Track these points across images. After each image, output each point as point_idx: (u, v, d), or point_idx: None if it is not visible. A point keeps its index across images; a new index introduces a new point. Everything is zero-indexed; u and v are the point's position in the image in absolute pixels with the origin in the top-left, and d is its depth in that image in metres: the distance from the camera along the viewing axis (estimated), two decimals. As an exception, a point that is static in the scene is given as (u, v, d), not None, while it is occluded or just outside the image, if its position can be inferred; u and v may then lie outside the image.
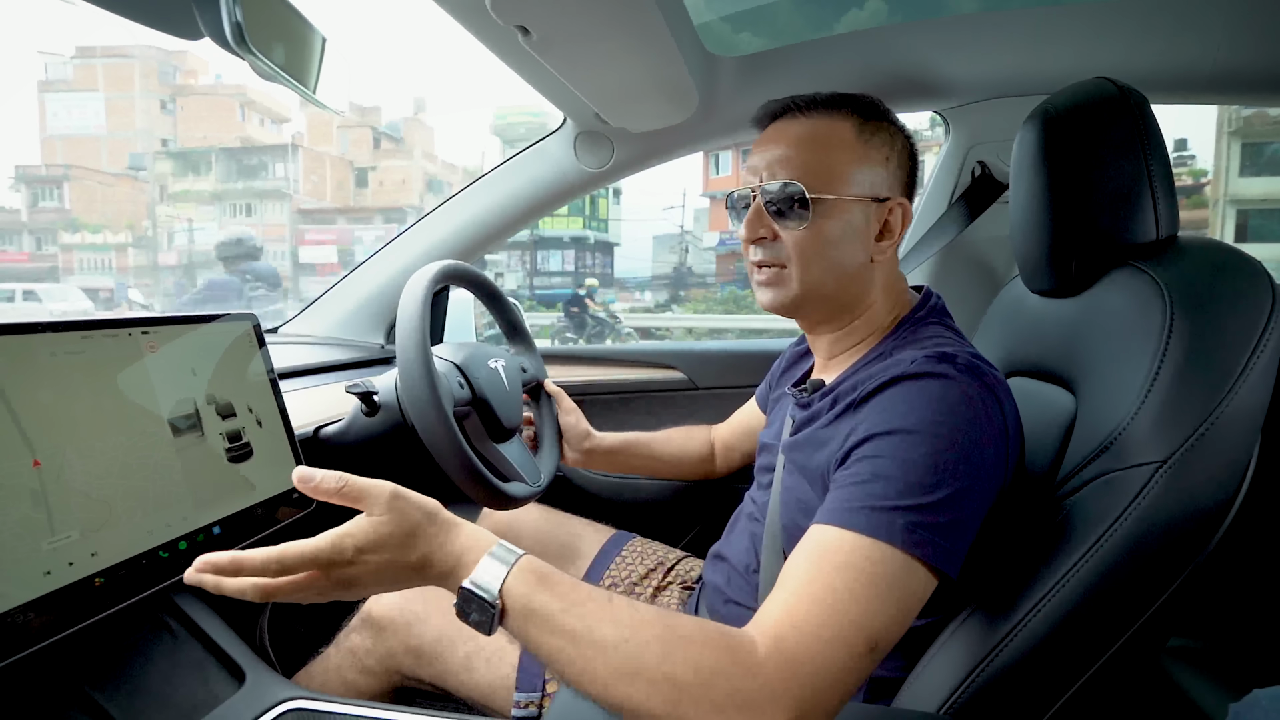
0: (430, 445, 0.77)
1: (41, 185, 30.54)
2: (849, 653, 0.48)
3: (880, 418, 0.58)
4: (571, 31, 0.76)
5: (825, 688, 0.47)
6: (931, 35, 1.10)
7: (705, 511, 1.32)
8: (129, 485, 0.61)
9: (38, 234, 29.88)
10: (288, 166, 30.30)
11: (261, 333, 0.84)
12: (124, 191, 31.50)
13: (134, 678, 0.62)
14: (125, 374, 0.64)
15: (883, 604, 0.50)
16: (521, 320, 1.10)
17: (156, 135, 32.36)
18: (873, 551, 0.51)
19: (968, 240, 1.25)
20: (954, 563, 0.54)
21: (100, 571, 0.56)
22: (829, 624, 0.49)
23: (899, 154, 0.72)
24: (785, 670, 0.47)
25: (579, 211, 23.79)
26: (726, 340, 1.85)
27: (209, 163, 30.49)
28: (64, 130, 32.21)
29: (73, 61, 32.21)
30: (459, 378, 0.91)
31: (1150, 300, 0.62)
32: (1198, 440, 0.57)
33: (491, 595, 0.48)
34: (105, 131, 32.10)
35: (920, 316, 0.72)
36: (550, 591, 0.49)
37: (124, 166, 32.06)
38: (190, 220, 29.31)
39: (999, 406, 0.59)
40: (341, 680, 0.84)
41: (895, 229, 0.71)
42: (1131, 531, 0.57)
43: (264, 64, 0.54)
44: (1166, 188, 0.68)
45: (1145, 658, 0.62)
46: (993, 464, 0.57)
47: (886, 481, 0.54)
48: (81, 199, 30.33)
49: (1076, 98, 0.70)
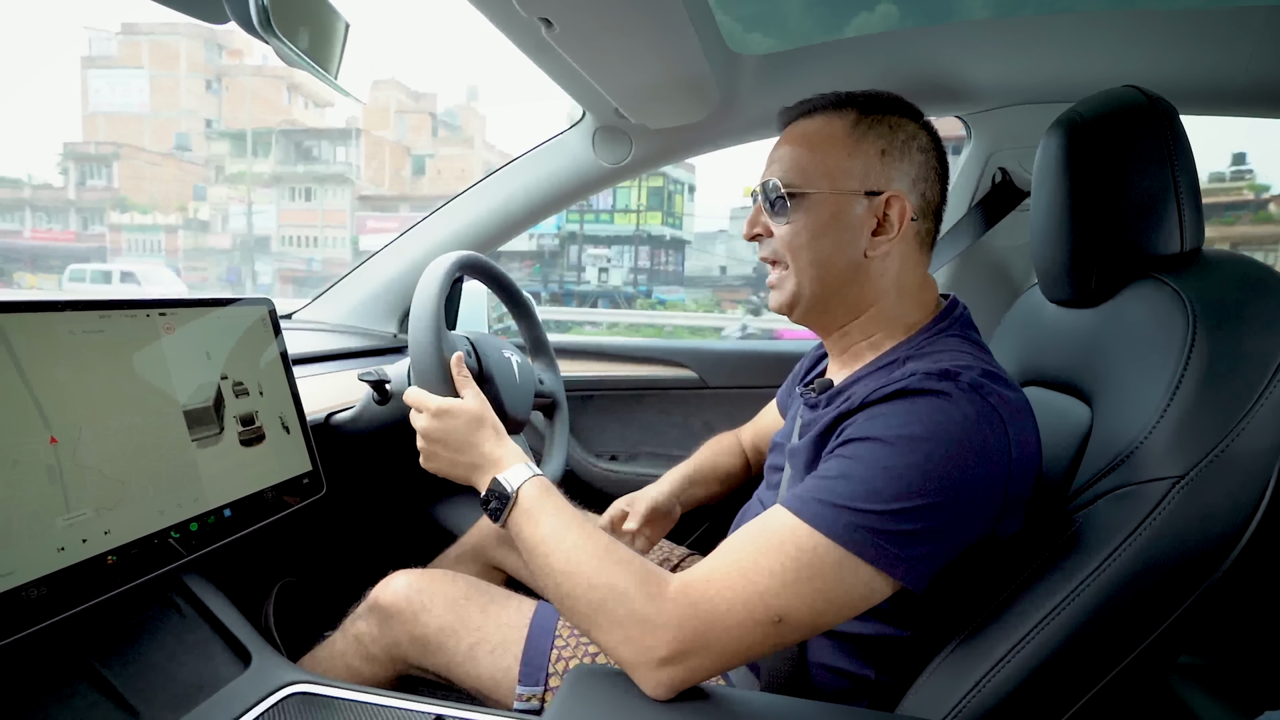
0: (416, 372, 0.76)
1: (90, 163, 29.97)
2: (748, 613, 0.54)
3: (867, 425, 0.58)
4: (595, 25, 0.76)
5: (716, 635, 0.54)
6: (956, 39, 1.09)
7: (713, 510, 1.31)
8: (143, 465, 0.62)
9: (85, 213, 29.27)
10: (349, 151, 29.39)
11: (277, 318, 0.84)
12: (171, 171, 31.10)
13: (141, 655, 0.63)
14: (142, 354, 0.65)
15: (799, 587, 0.54)
16: (543, 334, 1.08)
17: (201, 115, 31.84)
18: (808, 539, 0.55)
19: (985, 247, 1.24)
20: (911, 571, 0.54)
21: (113, 550, 0.57)
22: (737, 586, 0.54)
23: (901, 147, 0.68)
24: (683, 609, 0.54)
25: (658, 206, 22.89)
26: (738, 340, 1.84)
27: (267, 144, 29.79)
28: (107, 107, 31.73)
29: (117, 37, 31.77)
30: (468, 348, 0.89)
31: (1172, 313, 0.61)
32: (1217, 456, 0.56)
33: (510, 490, 0.64)
34: (149, 110, 31.59)
35: (942, 327, 0.70)
36: (550, 501, 0.63)
37: (167, 146, 31.56)
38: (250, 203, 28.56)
39: (1003, 426, 0.57)
40: (345, 666, 0.85)
41: (894, 223, 0.68)
42: (1146, 546, 0.56)
43: (289, 49, 0.54)
44: (1193, 199, 0.66)
45: (1154, 675, 0.61)
46: (982, 484, 0.56)
47: (847, 482, 0.56)
48: (130, 178, 29.85)
49: (1104, 105, 0.69)
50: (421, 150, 33.14)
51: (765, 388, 1.25)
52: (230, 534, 0.70)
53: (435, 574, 0.86)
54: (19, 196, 29.99)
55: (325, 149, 29.35)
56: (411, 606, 0.82)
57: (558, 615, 0.81)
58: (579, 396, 1.49)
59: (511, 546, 1.09)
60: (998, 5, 1.05)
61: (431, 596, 0.82)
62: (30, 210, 29.91)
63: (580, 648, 0.78)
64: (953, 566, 0.58)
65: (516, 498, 0.64)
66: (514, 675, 0.77)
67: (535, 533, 0.62)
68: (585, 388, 1.50)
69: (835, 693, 0.69)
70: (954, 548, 0.56)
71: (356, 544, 1.23)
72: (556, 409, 1.06)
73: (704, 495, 1.06)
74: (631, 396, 1.48)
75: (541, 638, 0.78)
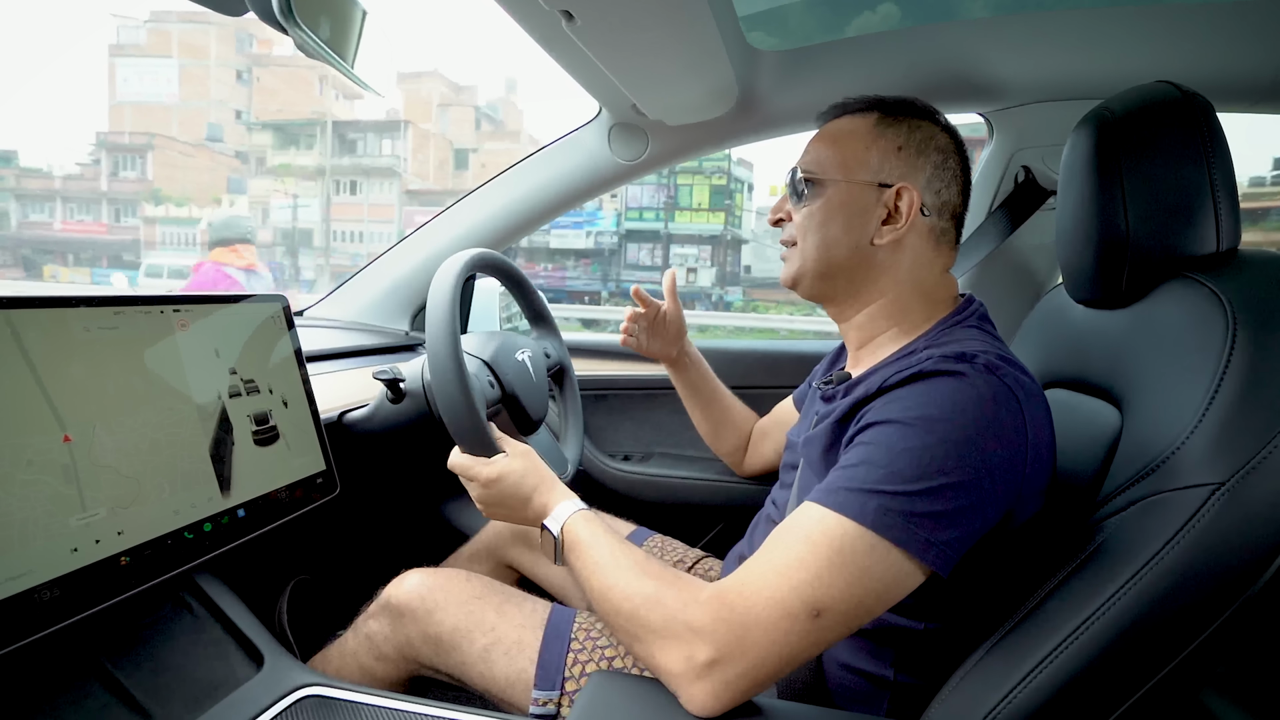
0: (457, 438, 0.76)
1: (123, 154, 29.21)
2: (784, 612, 0.53)
3: (885, 409, 0.59)
4: (618, 19, 0.74)
5: (754, 638, 0.53)
6: (978, 35, 1.07)
7: (727, 511, 1.30)
8: (157, 463, 0.61)
9: (117, 204, 28.42)
10: (395, 143, 28.50)
11: (291, 315, 0.84)
12: (203, 163, 30.45)
13: (154, 656, 0.62)
14: (156, 351, 0.64)
15: (833, 575, 0.53)
16: (545, 306, 1.10)
17: (231, 106, 31.21)
18: (837, 527, 0.55)
19: (1007, 247, 1.22)
20: (940, 556, 0.54)
21: (126, 550, 0.56)
22: (772, 584, 0.54)
23: (919, 145, 0.71)
24: (720, 613, 0.54)
25: (721, 205, 22.21)
26: (751, 340, 1.83)
27: (309, 137, 29.06)
28: (134, 97, 31.11)
29: (146, 25, 31.22)
30: (489, 376, 0.90)
31: (1210, 313, 0.59)
32: (1260, 462, 0.54)
33: (557, 534, 0.68)
34: (178, 100, 30.92)
35: (959, 320, 0.71)
36: (589, 529, 0.66)
37: (195, 136, 30.90)
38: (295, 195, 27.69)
39: (1018, 407, 0.58)
40: (358, 666, 0.84)
41: (904, 214, 0.70)
42: (1184, 555, 0.55)
43: (309, 39, 0.53)
44: (1230, 198, 0.65)
45: (1191, 688, 0.60)
46: (1001, 464, 0.56)
47: (871, 467, 0.56)
48: (162, 170, 29.13)
49: (1136, 101, 0.67)
50: (465, 144, 32.43)
51: (779, 388, 1.23)
52: (244, 534, 0.70)
53: (449, 573, 0.85)
54: (50, 187, 29.38)
55: (371, 141, 28.59)
56: (425, 605, 0.81)
57: (574, 616, 0.81)
58: (592, 396, 1.48)
59: (525, 545, 1.08)
60: (997, 6, 1.03)
61: (445, 595, 0.82)
62: (61, 201, 29.19)
63: (596, 651, 0.77)
64: (971, 556, 0.58)
65: (563, 537, 0.67)
66: (528, 678, 0.76)
67: (579, 562, 0.65)
68: (598, 387, 1.48)
69: (855, 695, 0.68)
70: (976, 531, 0.56)
71: (369, 542, 1.23)
72: (565, 376, 1.09)
73: (701, 396, 1.13)
74: (645, 396, 1.47)
75: (557, 641, 0.77)
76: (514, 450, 0.76)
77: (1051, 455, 0.63)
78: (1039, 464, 0.60)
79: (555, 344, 1.08)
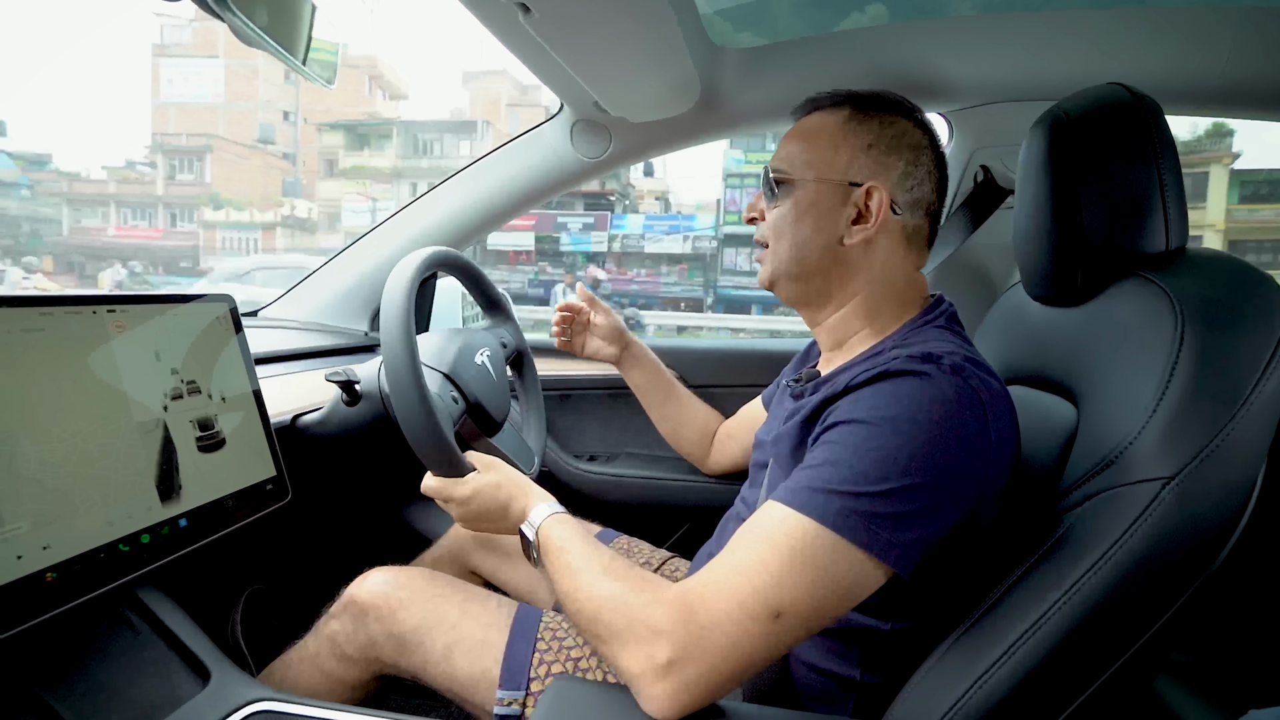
0: (427, 463, 0.75)
1: (180, 156, 27.51)
2: (744, 613, 0.53)
3: (851, 409, 0.59)
4: (574, 13, 0.73)
5: (714, 640, 0.53)
6: (938, 36, 1.08)
7: (695, 512, 1.30)
8: (89, 474, 0.58)
9: (174, 209, 26.65)
10: (474, 144, 27.05)
11: (239, 316, 0.80)
12: (256, 165, 28.92)
13: (89, 677, 0.59)
14: (88, 355, 0.61)
15: (794, 577, 0.53)
16: (499, 293, 1.08)
17: (278, 106, 29.75)
18: (798, 527, 0.54)
19: (967, 246, 1.23)
20: (902, 557, 0.54)
21: (52, 566, 0.53)
22: (733, 585, 0.54)
23: (889, 143, 0.71)
24: (681, 615, 0.54)
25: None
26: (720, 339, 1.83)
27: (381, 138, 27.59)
28: (179, 98, 29.41)
29: (191, 24, 29.63)
30: (452, 391, 0.88)
31: (1160, 311, 0.61)
32: (1207, 456, 0.55)
33: (533, 538, 0.68)
34: (223, 100, 29.27)
35: (929, 320, 0.71)
36: (562, 531, 0.66)
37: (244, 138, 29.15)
38: (374, 199, 25.96)
39: (982, 410, 0.58)
40: (318, 669, 0.81)
41: (874, 214, 0.70)
42: (1137, 548, 0.56)
43: (245, 25, 0.50)
44: (1178, 197, 0.66)
45: (1146, 676, 0.61)
46: (964, 466, 0.57)
47: (835, 467, 0.56)
48: (220, 173, 27.45)
49: (1089, 102, 0.68)
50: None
51: (747, 386, 1.23)
52: (186, 545, 0.66)
53: (413, 571, 0.84)
54: (104, 191, 27.49)
55: (448, 142, 27.52)
56: (389, 603, 0.79)
57: (540, 616, 0.80)
58: (557, 396, 1.46)
59: (488, 550, 1.06)
60: (986, 5, 1.05)
61: (409, 593, 0.80)
62: (115, 205, 27.30)
63: (563, 652, 0.76)
64: (935, 555, 0.58)
65: (538, 542, 0.67)
66: (493, 677, 0.74)
67: (552, 564, 0.65)
68: (563, 387, 1.47)
69: (821, 695, 0.68)
70: (939, 532, 0.57)
71: (328, 549, 1.19)
72: (523, 360, 1.09)
73: (655, 394, 1.15)
74: (610, 396, 1.46)
75: (523, 640, 0.76)
76: (483, 464, 0.76)
77: (1015, 458, 0.63)
78: (1002, 466, 0.60)
79: (511, 330, 1.08)
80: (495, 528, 0.75)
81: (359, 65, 30.09)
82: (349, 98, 30.07)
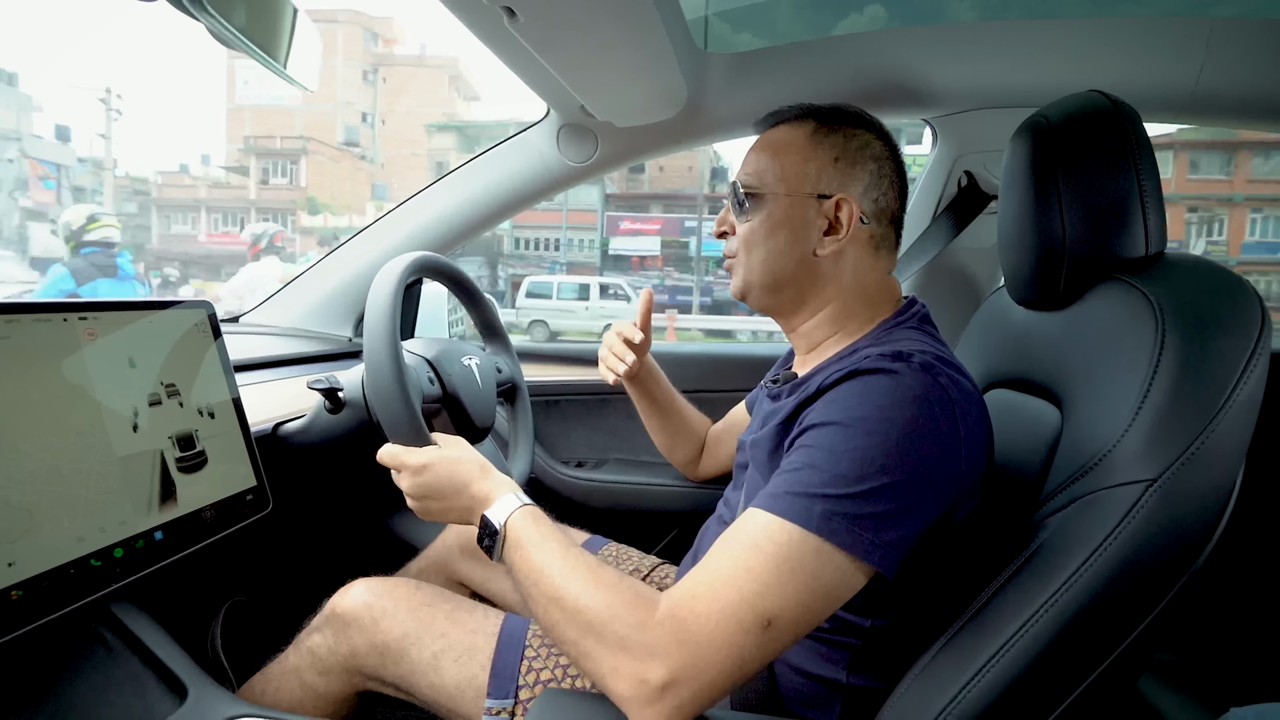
0: (388, 428, 0.73)
1: (274, 159, 26.37)
2: (737, 625, 0.52)
3: (824, 410, 0.60)
4: (560, 16, 0.73)
5: (707, 655, 0.52)
6: (923, 42, 1.09)
7: (682, 517, 1.29)
8: (56, 491, 0.56)
9: (267, 214, 25.38)
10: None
11: (217, 322, 0.79)
12: (346, 168, 27.99)
13: (61, 696, 0.57)
14: (57, 365, 0.59)
15: (783, 584, 0.53)
16: (497, 318, 1.06)
17: (357, 108, 28.92)
18: (781, 533, 0.54)
19: (951, 250, 1.24)
20: (885, 557, 0.55)
21: (17, 584, 0.51)
22: (723, 597, 0.53)
23: (855, 155, 0.72)
24: (673, 632, 0.53)
25: None
26: (705, 343, 1.83)
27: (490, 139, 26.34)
28: (254, 100, 28.41)
29: None
30: (429, 373, 0.87)
31: (1141, 315, 0.61)
32: (1189, 459, 0.56)
33: (498, 526, 0.63)
34: (300, 102, 28.25)
35: (901, 320, 0.72)
36: (537, 529, 0.62)
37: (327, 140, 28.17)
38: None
39: (951, 407, 0.59)
40: (299, 683, 0.79)
41: (844, 225, 0.71)
42: (1121, 550, 0.56)
43: (222, 26, 0.49)
44: (1156, 203, 0.67)
45: (1131, 676, 0.61)
46: (937, 462, 0.57)
47: (813, 470, 0.56)
48: (314, 177, 26.41)
49: (1070, 110, 0.69)
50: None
51: (733, 391, 1.23)
52: (162, 559, 0.65)
53: (397, 581, 0.82)
54: (195, 196, 26.54)
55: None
56: (371, 613, 0.77)
57: (528, 624, 0.78)
58: (543, 401, 1.45)
59: (475, 559, 1.05)
60: (984, 8, 1.06)
61: (394, 602, 0.78)
62: (205, 211, 26.33)
63: (552, 659, 0.75)
64: (915, 553, 0.58)
65: (505, 532, 0.63)
66: (480, 685, 0.73)
67: (523, 563, 0.61)
68: (550, 393, 1.46)
69: (808, 700, 0.68)
70: (918, 529, 0.57)
71: (311, 560, 1.17)
72: (517, 394, 1.05)
73: (658, 408, 1.11)
74: (598, 401, 1.45)
75: (511, 647, 0.75)
76: (447, 441, 0.72)
77: (987, 452, 0.64)
78: (974, 461, 0.61)
79: (508, 361, 1.05)
80: (445, 507, 0.68)
81: (442, 66, 29.43)
82: (428, 98, 29.45)
